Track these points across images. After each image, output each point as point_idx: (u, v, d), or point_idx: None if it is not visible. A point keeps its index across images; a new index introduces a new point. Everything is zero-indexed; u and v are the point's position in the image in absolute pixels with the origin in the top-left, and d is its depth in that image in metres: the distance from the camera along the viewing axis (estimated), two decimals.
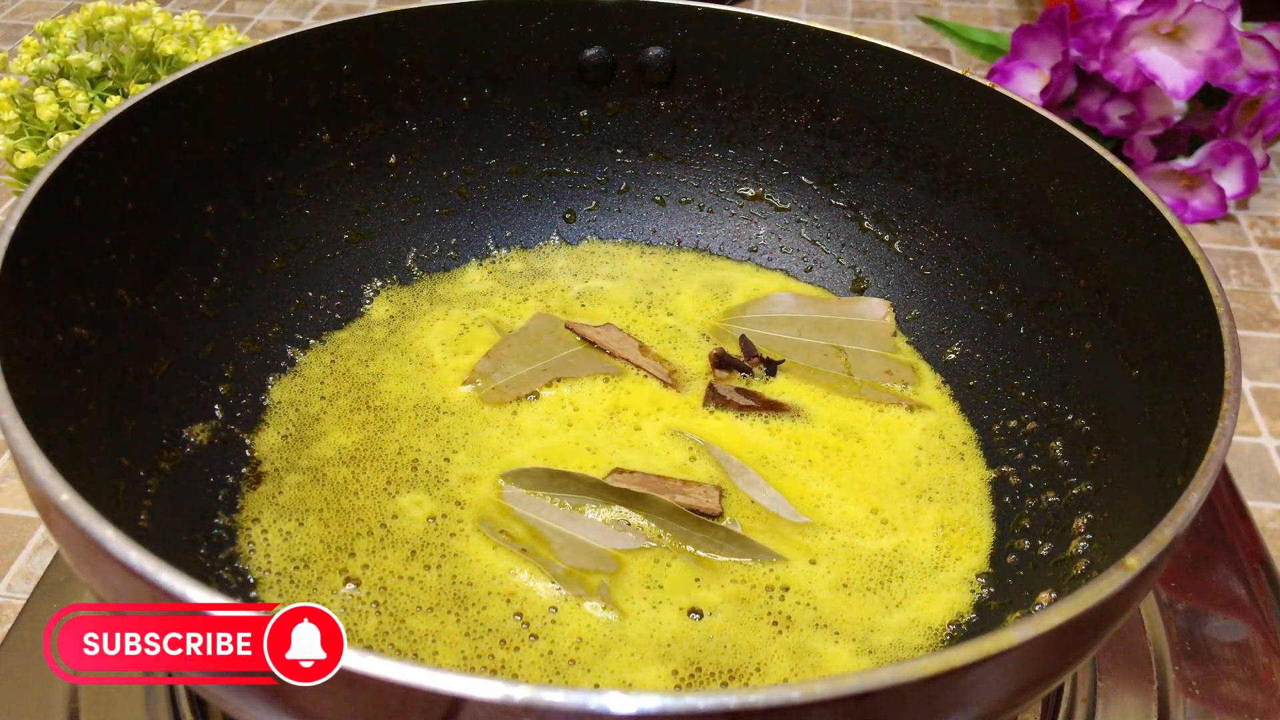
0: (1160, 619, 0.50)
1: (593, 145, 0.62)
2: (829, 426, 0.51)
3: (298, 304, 0.54)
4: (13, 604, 0.55)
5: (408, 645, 0.41)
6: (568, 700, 0.24)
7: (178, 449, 0.45)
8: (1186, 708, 0.46)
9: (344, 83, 0.55)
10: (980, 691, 0.28)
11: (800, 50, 0.57)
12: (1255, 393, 0.70)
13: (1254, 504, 0.60)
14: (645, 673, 0.40)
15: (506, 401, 0.52)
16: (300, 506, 0.46)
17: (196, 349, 0.48)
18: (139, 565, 0.27)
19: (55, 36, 0.63)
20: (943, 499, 0.48)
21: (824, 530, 0.46)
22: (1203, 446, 0.33)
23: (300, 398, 0.51)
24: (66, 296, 0.40)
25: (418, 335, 0.55)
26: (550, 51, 0.59)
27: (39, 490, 0.30)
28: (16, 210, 0.38)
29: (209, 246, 0.50)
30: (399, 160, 0.58)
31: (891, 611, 0.43)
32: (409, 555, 0.44)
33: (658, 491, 0.46)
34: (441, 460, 0.48)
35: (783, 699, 0.24)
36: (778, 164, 0.61)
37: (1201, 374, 0.36)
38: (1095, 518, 0.41)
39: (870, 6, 1.20)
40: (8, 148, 0.60)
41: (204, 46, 0.65)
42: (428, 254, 0.60)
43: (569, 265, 0.61)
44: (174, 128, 0.47)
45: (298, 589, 0.43)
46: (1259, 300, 0.78)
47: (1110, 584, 0.28)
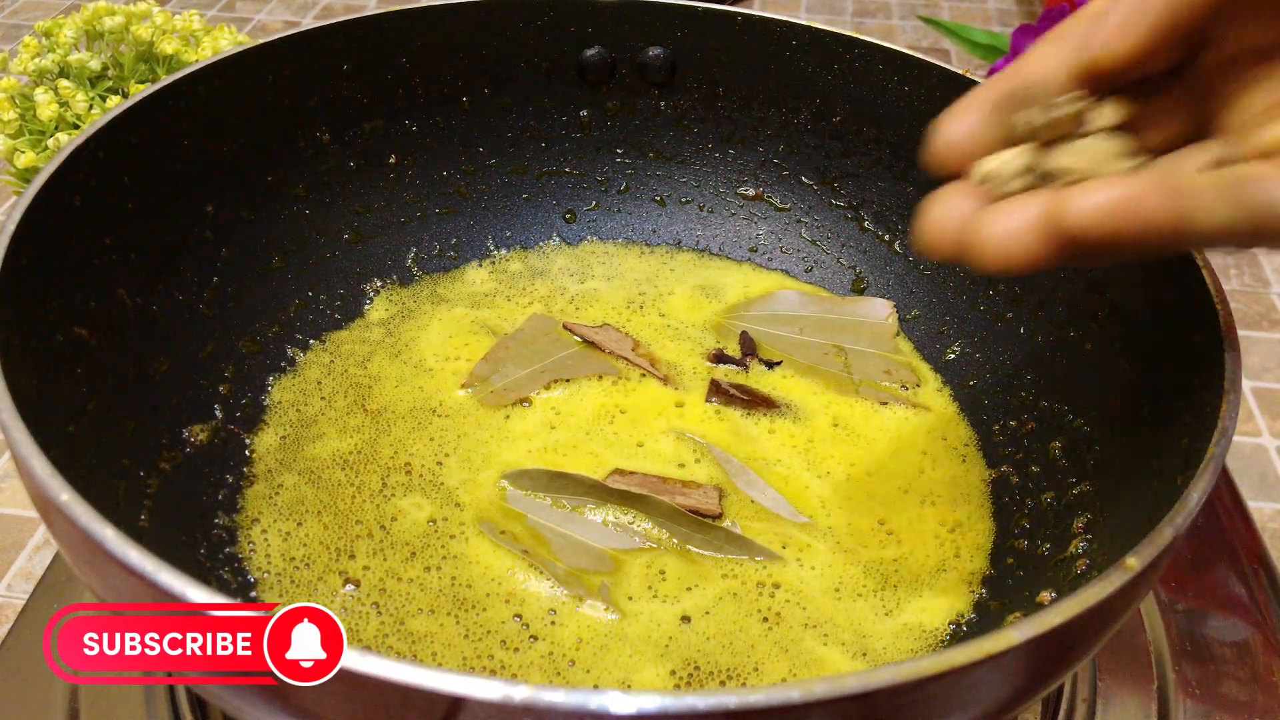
0: (1160, 619, 0.50)
1: (593, 145, 0.62)
2: (828, 426, 0.51)
3: (298, 304, 0.54)
4: (13, 604, 0.55)
5: (407, 647, 0.41)
6: (568, 700, 0.24)
7: (178, 449, 0.45)
8: (1186, 708, 0.47)
9: (344, 83, 0.55)
10: (980, 691, 0.28)
11: (800, 50, 0.57)
12: (1255, 393, 0.70)
13: (1254, 504, 0.60)
14: (644, 673, 0.40)
15: (505, 404, 0.52)
16: (300, 507, 0.46)
17: (196, 349, 0.48)
18: (139, 565, 0.27)
19: (55, 36, 0.63)
20: (943, 499, 0.48)
21: (824, 530, 0.46)
22: (1203, 446, 0.33)
23: (300, 398, 0.51)
24: (66, 296, 0.40)
25: (417, 336, 0.55)
26: (550, 51, 0.59)
27: (39, 490, 0.30)
28: (16, 210, 0.38)
29: (209, 246, 0.50)
30: (399, 160, 0.58)
31: (891, 614, 0.43)
32: (409, 556, 0.44)
33: (657, 493, 0.46)
34: (435, 464, 0.48)
35: (783, 699, 0.24)
36: (778, 164, 0.61)
37: (1201, 374, 0.36)
38: (1095, 518, 0.41)
39: (870, 6, 1.20)
40: (8, 148, 0.60)
41: (204, 46, 0.65)
42: (428, 254, 0.60)
43: (568, 265, 0.61)
44: (174, 128, 0.47)
45: (298, 589, 0.43)
46: (1259, 300, 0.78)
47: (1110, 584, 0.28)
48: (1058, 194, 0.28)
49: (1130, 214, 0.27)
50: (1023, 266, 0.29)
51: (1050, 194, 0.29)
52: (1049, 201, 0.28)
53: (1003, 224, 0.29)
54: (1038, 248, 0.28)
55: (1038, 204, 0.29)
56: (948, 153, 0.32)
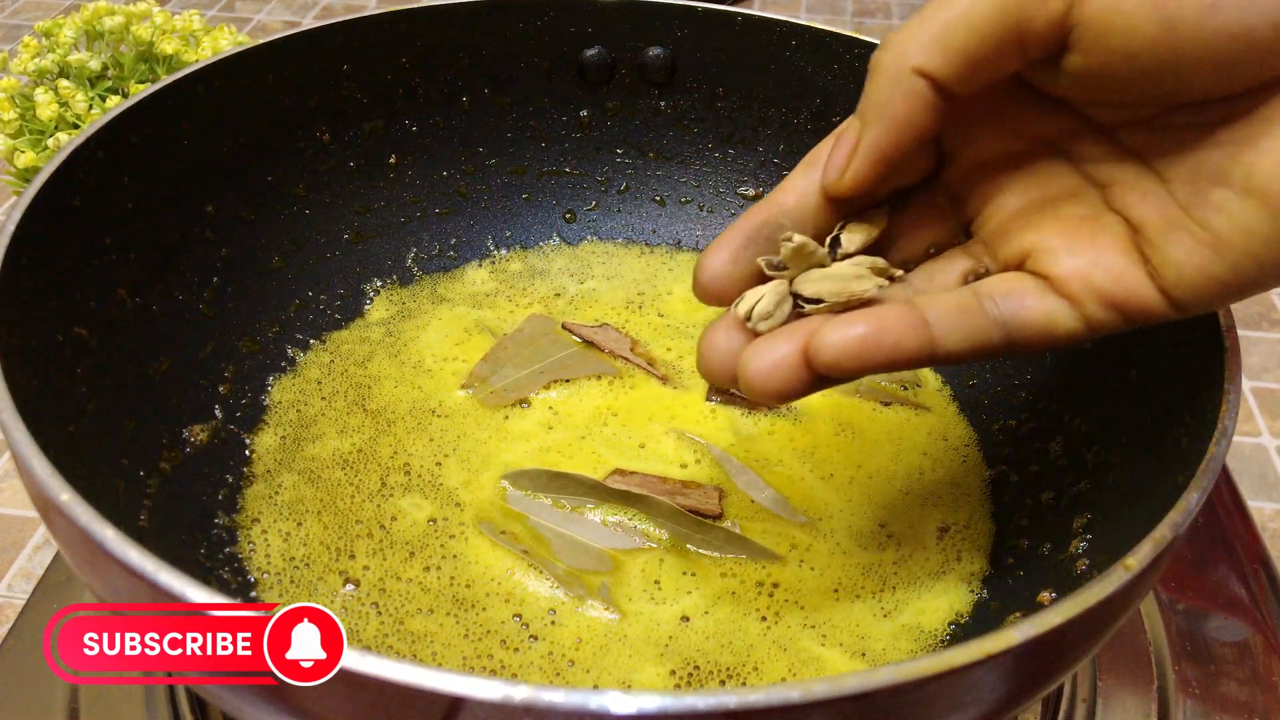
0: (1160, 619, 0.50)
1: (593, 145, 0.62)
2: (829, 426, 0.51)
3: (298, 304, 0.54)
4: (13, 604, 0.55)
5: (408, 647, 0.41)
6: (568, 700, 0.24)
7: (178, 449, 0.45)
8: (1186, 708, 0.47)
9: (344, 83, 0.55)
10: (980, 691, 0.28)
11: (800, 50, 0.57)
12: (1255, 393, 0.70)
13: (1254, 504, 0.60)
14: (644, 672, 0.40)
15: (505, 404, 0.52)
16: (300, 507, 0.46)
17: (196, 349, 0.48)
18: (139, 565, 0.27)
19: (55, 36, 0.63)
20: (943, 500, 0.48)
21: (824, 531, 0.46)
22: (1203, 446, 0.33)
23: (300, 398, 0.51)
24: (66, 296, 0.40)
25: (417, 336, 0.55)
26: (550, 51, 0.59)
27: (39, 490, 0.30)
28: (16, 210, 0.38)
29: (209, 246, 0.50)
30: (399, 160, 0.58)
31: (890, 615, 0.43)
32: (408, 556, 0.44)
33: (657, 493, 0.46)
34: (434, 464, 0.48)
35: (783, 698, 0.24)
36: (778, 164, 0.61)
37: (1201, 374, 0.36)
38: (1095, 518, 0.41)
39: (870, 6, 1.21)
40: (8, 148, 0.60)
41: (204, 46, 0.65)
42: (428, 254, 0.60)
43: (568, 265, 0.61)
44: (174, 128, 0.47)
45: (298, 589, 0.43)
46: (1259, 300, 0.78)
47: (1110, 584, 0.28)
48: (811, 329, 0.30)
49: (877, 346, 0.29)
50: (787, 398, 0.30)
51: (804, 327, 0.30)
52: (802, 338, 0.30)
53: (760, 362, 0.30)
54: (797, 381, 0.30)
55: (793, 340, 0.30)
56: (710, 288, 0.33)
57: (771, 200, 0.33)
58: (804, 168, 0.33)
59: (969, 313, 0.30)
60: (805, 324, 0.31)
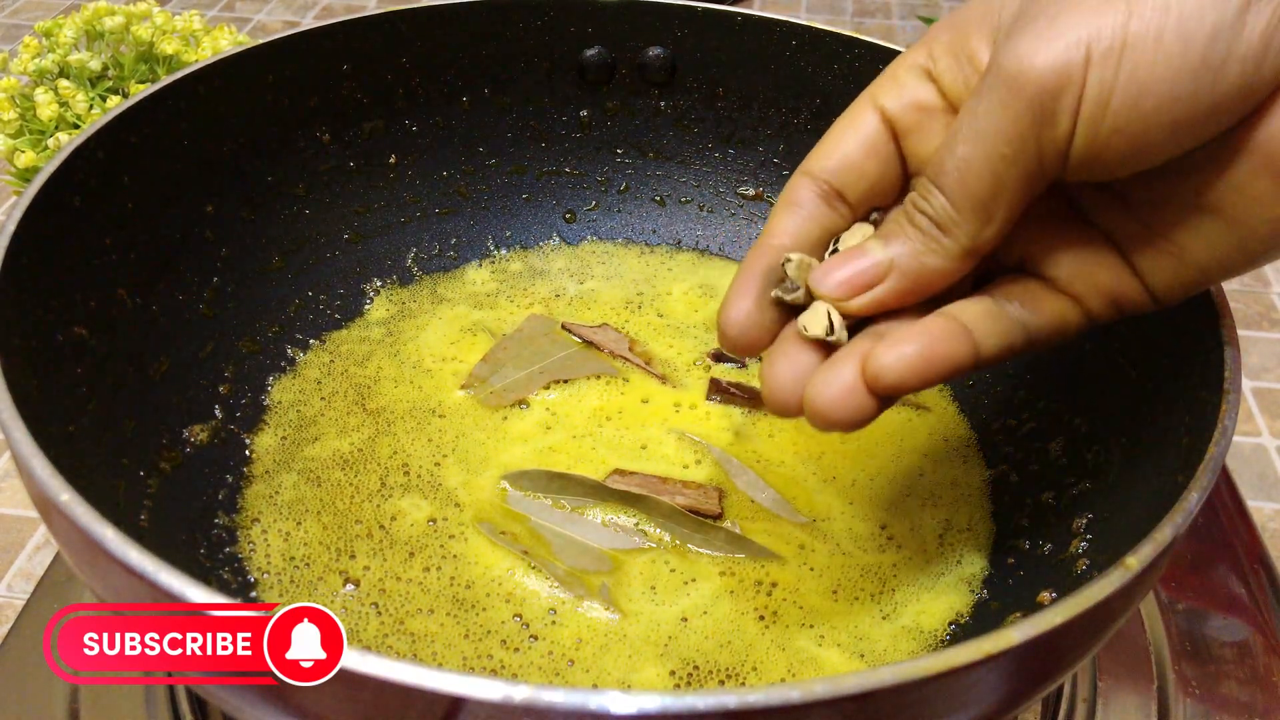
0: (1160, 619, 0.50)
1: (593, 145, 0.62)
2: None
3: (298, 304, 0.54)
4: (13, 604, 0.55)
5: (408, 647, 0.41)
6: (568, 700, 0.24)
7: (178, 449, 0.45)
8: (1186, 708, 0.47)
9: (344, 83, 0.55)
10: (980, 691, 0.28)
11: (800, 50, 0.57)
12: (1255, 393, 0.70)
13: (1254, 504, 0.60)
14: (644, 672, 0.40)
15: (504, 405, 0.52)
16: (300, 507, 0.46)
17: (196, 349, 0.48)
18: (139, 565, 0.27)
19: (55, 36, 0.63)
20: (944, 500, 0.48)
21: (824, 531, 0.46)
22: (1203, 446, 0.33)
23: (300, 398, 0.51)
24: (66, 296, 0.40)
25: (417, 336, 0.55)
26: (550, 51, 0.59)
27: (39, 490, 0.30)
28: (16, 210, 0.38)
29: (209, 246, 0.50)
30: (399, 160, 0.58)
31: (889, 617, 0.43)
32: (408, 557, 0.44)
33: (657, 493, 0.46)
34: (433, 464, 0.48)
35: (782, 698, 0.24)
36: (778, 164, 0.61)
37: (1201, 374, 0.36)
38: (1095, 518, 0.41)
39: (870, 6, 1.21)
40: (8, 148, 0.60)
41: (204, 46, 0.65)
42: (428, 254, 0.60)
43: (568, 265, 0.61)
44: (174, 128, 0.47)
45: (298, 589, 0.43)
46: (1259, 300, 0.78)
47: (1110, 584, 0.28)
48: (861, 353, 0.31)
49: (933, 358, 0.30)
50: (863, 423, 0.31)
51: (855, 352, 0.31)
52: (862, 361, 0.31)
53: (830, 392, 0.31)
54: (867, 405, 0.31)
55: (851, 365, 0.31)
56: (742, 340, 0.34)
57: (766, 245, 0.34)
58: (785, 208, 0.34)
59: (996, 317, 0.32)
60: (854, 348, 0.32)
